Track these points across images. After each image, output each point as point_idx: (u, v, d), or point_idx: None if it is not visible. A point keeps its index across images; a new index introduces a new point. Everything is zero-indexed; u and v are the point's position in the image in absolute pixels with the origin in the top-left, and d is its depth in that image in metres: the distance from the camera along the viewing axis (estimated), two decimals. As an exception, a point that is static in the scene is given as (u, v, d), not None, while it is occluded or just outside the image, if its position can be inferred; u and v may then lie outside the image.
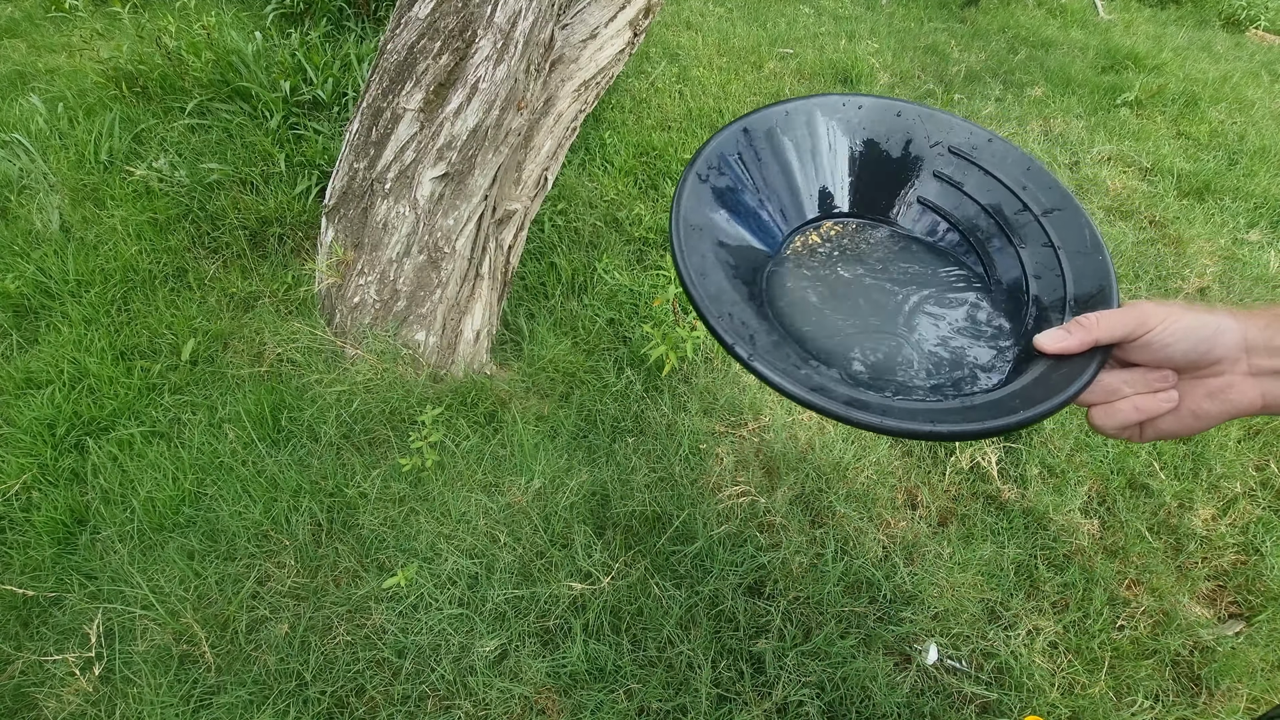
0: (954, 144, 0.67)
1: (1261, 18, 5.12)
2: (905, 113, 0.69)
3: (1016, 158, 0.65)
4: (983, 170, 0.66)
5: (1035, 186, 0.63)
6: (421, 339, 1.85)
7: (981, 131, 0.67)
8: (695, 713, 1.28)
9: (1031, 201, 0.63)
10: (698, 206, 0.61)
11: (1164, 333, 0.48)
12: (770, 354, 0.51)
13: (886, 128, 0.69)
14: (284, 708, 1.25)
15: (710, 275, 0.56)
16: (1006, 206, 0.64)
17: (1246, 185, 2.95)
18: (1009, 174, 0.65)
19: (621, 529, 1.55)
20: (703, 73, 3.34)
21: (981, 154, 0.66)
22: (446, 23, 1.57)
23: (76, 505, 1.53)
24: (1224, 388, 0.48)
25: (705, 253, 0.58)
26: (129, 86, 2.53)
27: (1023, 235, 0.62)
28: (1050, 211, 0.61)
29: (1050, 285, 0.58)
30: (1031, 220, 0.62)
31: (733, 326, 0.52)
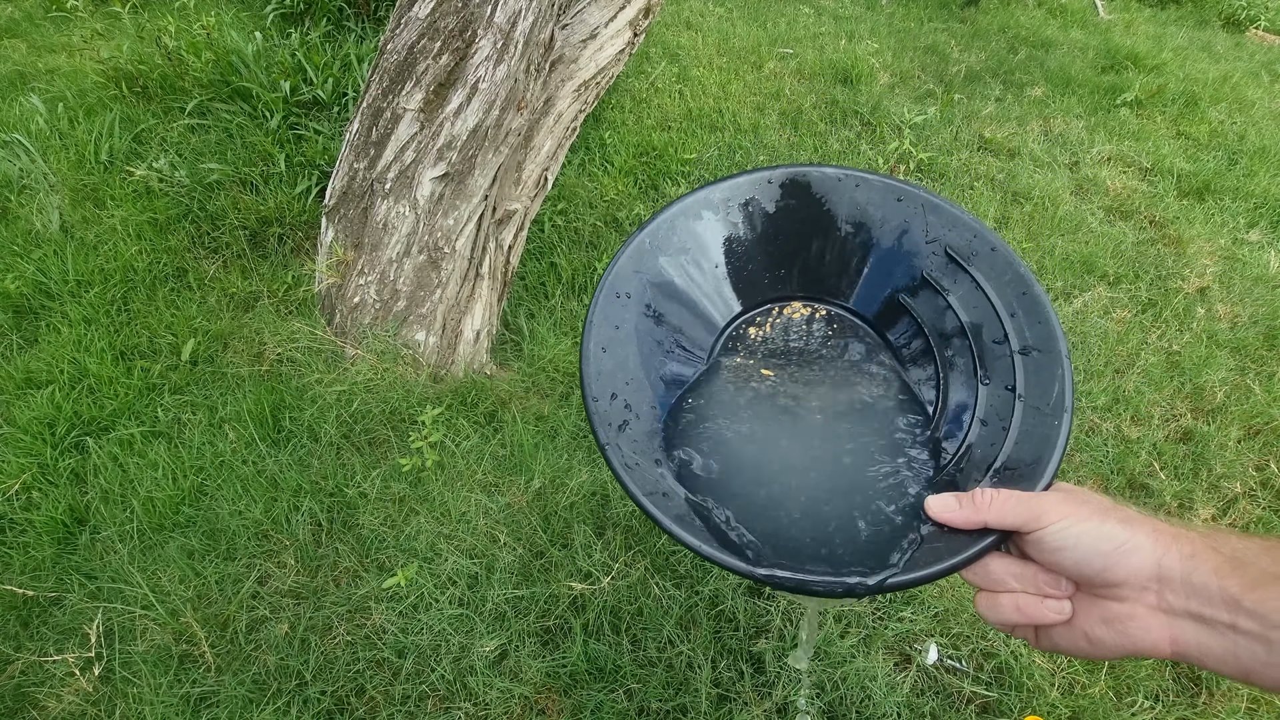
0: (952, 245, 0.60)
1: (1261, 18, 5.12)
2: (907, 198, 0.62)
3: (1015, 276, 0.57)
4: (975, 284, 0.59)
5: (1025, 317, 0.56)
6: (421, 339, 1.85)
7: (988, 235, 0.60)
8: (695, 713, 1.28)
9: (1014, 333, 0.55)
10: (635, 273, 0.57)
11: (1058, 534, 0.41)
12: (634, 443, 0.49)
13: (882, 212, 0.63)
14: (284, 707, 1.25)
15: (616, 349, 0.53)
16: (987, 331, 0.57)
17: (1246, 185, 2.95)
18: (1002, 294, 0.57)
19: (621, 529, 1.55)
20: (703, 73, 3.34)
21: (979, 263, 0.59)
22: (446, 23, 1.57)
23: (76, 505, 1.53)
24: (1124, 616, 0.41)
25: (624, 322, 0.55)
26: (129, 86, 2.53)
27: (990, 370, 0.55)
28: (1030, 350, 0.54)
29: (990, 437, 0.52)
30: (1006, 355, 0.55)
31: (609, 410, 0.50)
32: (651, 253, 0.59)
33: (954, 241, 0.60)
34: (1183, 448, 1.85)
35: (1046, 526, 0.42)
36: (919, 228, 0.62)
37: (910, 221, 0.62)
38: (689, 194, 0.61)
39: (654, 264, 0.59)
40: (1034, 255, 2.49)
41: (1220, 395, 1.99)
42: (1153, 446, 1.84)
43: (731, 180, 0.62)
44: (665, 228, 0.60)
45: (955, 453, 0.53)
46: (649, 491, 0.46)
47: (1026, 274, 0.57)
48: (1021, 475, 0.48)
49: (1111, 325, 2.22)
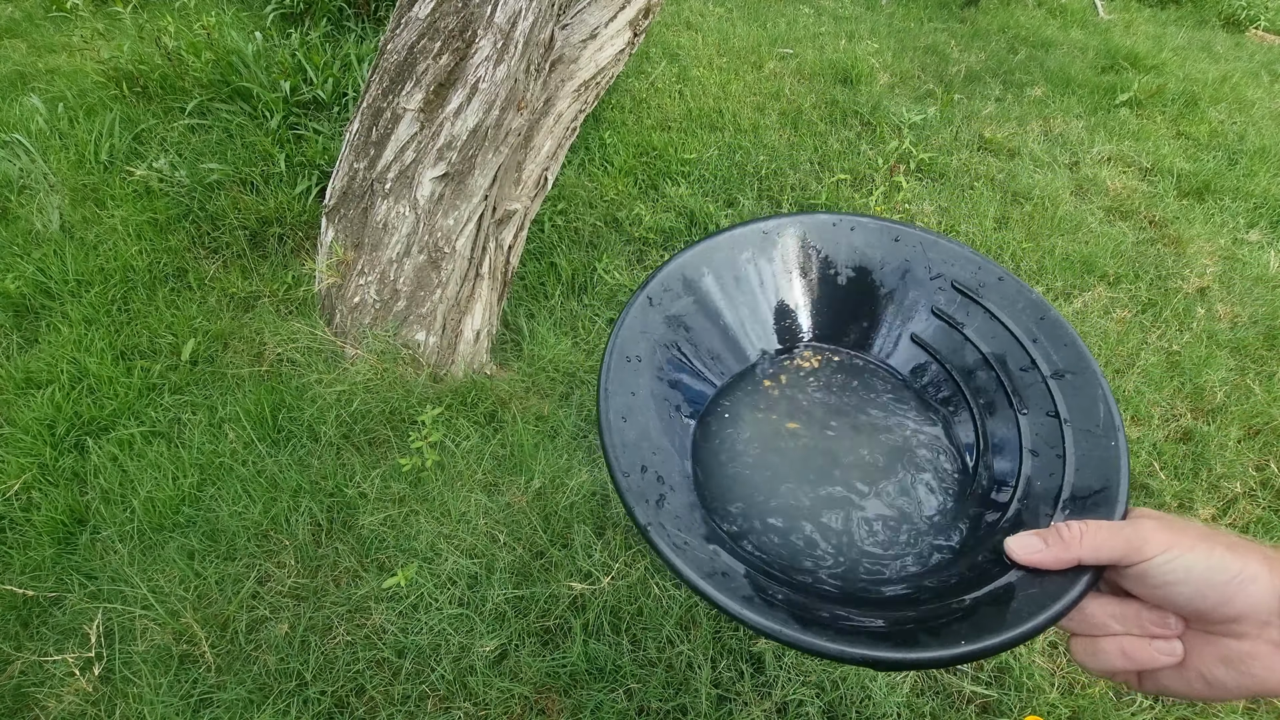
0: (958, 279, 0.59)
1: (1261, 18, 5.12)
2: (904, 238, 0.61)
3: (1030, 302, 0.56)
4: (989, 313, 0.57)
5: (1048, 341, 0.54)
6: (421, 339, 1.85)
7: (992, 267, 0.59)
8: (695, 713, 1.28)
9: (1041, 358, 0.53)
10: (642, 334, 0.54)
11: (1164, 566, 0.37)
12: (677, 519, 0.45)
13: (881, 253, 0.62)
14: (284, 708, 1.25)
15: (636, 417, 0.50)
16: (1012, 360, 0.55)
17: (1246, 185, 2.95)
18: (1019, 321, 0.55)
19: (621, 529, 1.55)
20: (703, 73, 3.34)
21: (989, 294, 0.58)
22: (446, 23, 1.57)
23: (76, 505, 1.53)
24: (1245, 656, 0.36)
25: (639, 388, 0.52)
26: (129, 86, 2.53)
27: (1025, 398, 0.53)
28: (1061, 374, 0.52)
29: (1047, 467, 0.49)
30: (1038, 381, 0.53)
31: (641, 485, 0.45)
32: (656, 311, 0.57)
33: (959, 275, 0.59)
34: (1183, 448, 1.85)
35: (1150, 559, 0.37)
36: (920, 265, 0.61)
37: (911, 260, 0.61)
38: (688, 248, 0.60)
39: (659, 324, 0.56)
40: (1034, 255, 2.49)
41: (1220, 395, 1.99)
42: (1153, 446, 1.84)
43: (729, 233, 0.61)
44: (666, 284, 0.58)
45: (1015, 488, 0.49)
46: (707, 573, 0.41)
47: (1039, 299, 0.56)
48: (1095, 503, 0.45)
49: (1111, 325, 2.22)
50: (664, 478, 0.48)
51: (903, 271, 0.61)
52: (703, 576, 0.40)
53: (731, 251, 0.61)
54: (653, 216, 2.46)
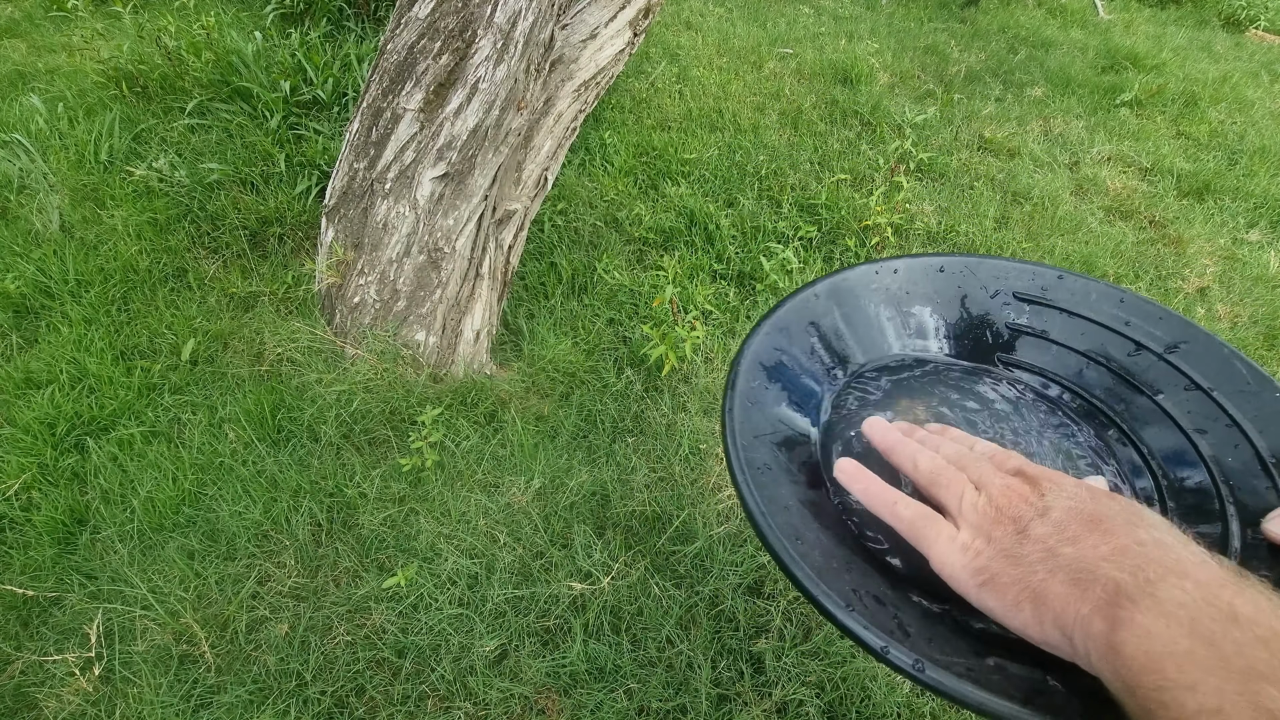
0: (1018, 289, 0.56)
1: (1261, 18, 5.12)
2: (948, 267, 0.59)
3: (1101, 291, 0.53)
4: (1065, 313, 0.54)
5: (1141, 320, 0.51)
6: (421, 339, 1.85)
7: (1045, 270, 0.56)
8: (695, 713, 1.28)
9: (1144, 338, 0.50)
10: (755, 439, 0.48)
11: None
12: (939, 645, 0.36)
13: (932, 286, 0.59)
14: (284, 708, 1.25)
15: (808, 537, 0.42)
16: (1114, 349, 0.51)
17: (1246, 185, 2.95)
18: (1100, 311, 0.53)
19: (621, 529, 1.55)
20: (703, 73, 3.34)
21: (1055, 294, 0.55)
22: (446, 23, 1.57)
23: (76, 505, 1.53)
24: None
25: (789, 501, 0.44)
26: (129, 86, 2.53)
27: (1151, 381, 0.49)
28: (1175, 347, 0.48)
29: (1225, 439, 0.44)
30: (1155, 361, 0.49)
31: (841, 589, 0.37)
32: (756, 409, 0.51)
33: (1018, 286, 0.56)
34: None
35: None
36: (975, 288, 0.58)
37: (964, 285, 0.58)
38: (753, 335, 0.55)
39: (760, 419, 0.50)
40: (1034, 255, 2.49)
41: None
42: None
43: (782, 308, 0.56)
44: (749, 373, 0.52)
45: (1208, 473, 0.44)
46: None
47: (1110, 286, 0.53)
48: None
49: (1111, 325, 2.22)
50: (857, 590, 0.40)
51: (960, 298, 0.58)
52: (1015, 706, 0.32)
53: (792, 323, 0.56)
54: (653, 216, 2.46)
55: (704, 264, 2.31)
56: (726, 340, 2.03)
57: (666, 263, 2.19)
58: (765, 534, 0.40)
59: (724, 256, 2.34)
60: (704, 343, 1.95)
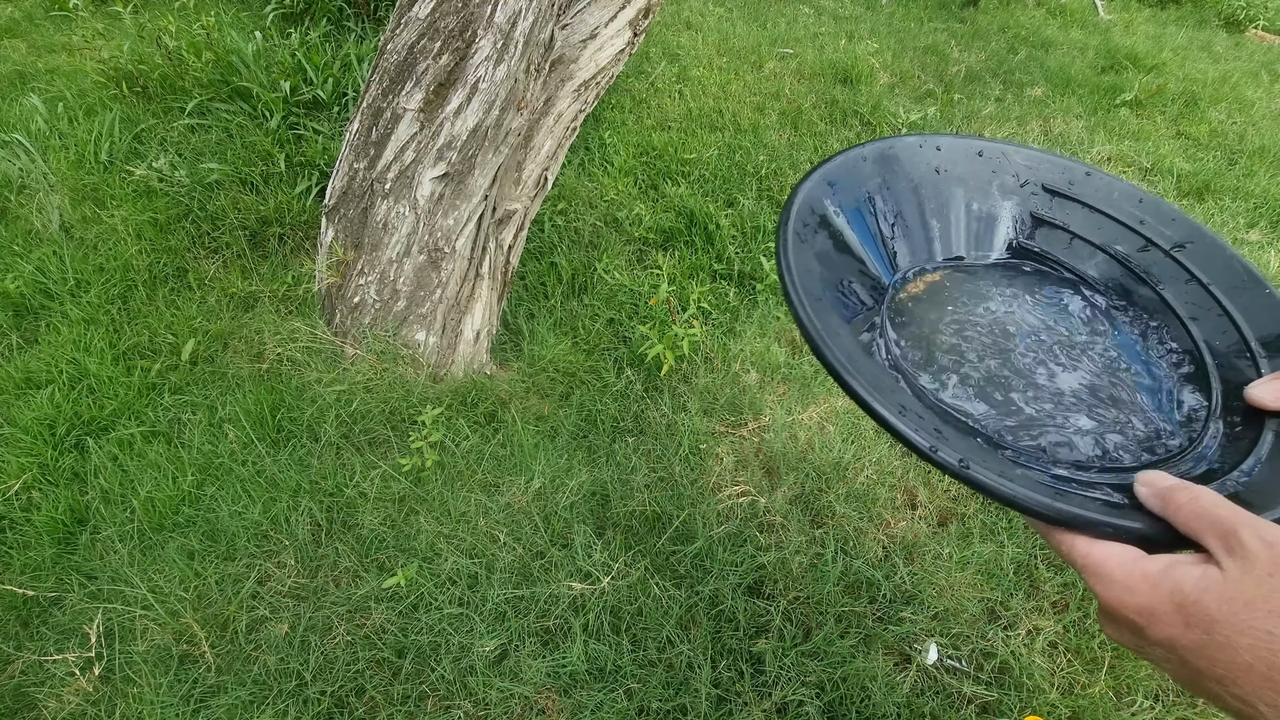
0: (1048, 181, 0.60)
1: (1261, 18, 5.12)
2: (987, 152, 0.62)
3: (1124, 190, 0.57)
4: (1087, 207, 0.58)
5: (1155, 220, 0.55)
6: (421, 339, 1.85)
7: (1076, 165, 0.60)
8: (695, 713, 1.28)
9: (1155, 236, 0.54)
10: (808, 273, 0.52)
11: None
12: (980, 457, 0.41)
13: (969, 168, 0.62)
14: (284, 708, 1.25)
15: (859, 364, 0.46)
16: (1125, 244, 0.56)
17: (1246, 185, 2.95)
18: (1119, 209, 0.57)
19: (621, 529, 1.55)
20: (703, 73, 3.34)
21: (1081, 189, 0.59)
22: (446, 23, 1.57)
23: (76, 505, 1.53)
24: None
25: (838, 329, 0.49)
26: (129, 86, 2.53)
27: (1156, 275, 0.54)
28: (1181, 245, 0.53)
29: (1216, 327, 0.49)
30: (1162, 258, 0.53)
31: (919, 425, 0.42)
32: (807, 247, 0.54)
33: (1047, 178, 0.60)
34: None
35: None
36: (1008, 175, 0.61)
37: (998, 172, 0.62)
38: (807, 178, 0.59)
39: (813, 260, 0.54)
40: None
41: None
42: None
43: (832, 162, 0.60)
44: (802, 218, 0.56)
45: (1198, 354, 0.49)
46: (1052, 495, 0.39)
47: (1134, 187, 0.57)
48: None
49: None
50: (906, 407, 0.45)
51: (992, 183, 0.62)
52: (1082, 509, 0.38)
53: (837, 179, 0.60)
54: (653, 216, 2.46)
55: (704, 264, 2.31)
56: (726, 340, 2.03)
57: (663, 262, 2.19)
58: (824, 352, 0.44)
59: (724, 256, 2.34)
60: (703, 342, 1.95)
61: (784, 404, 1.85)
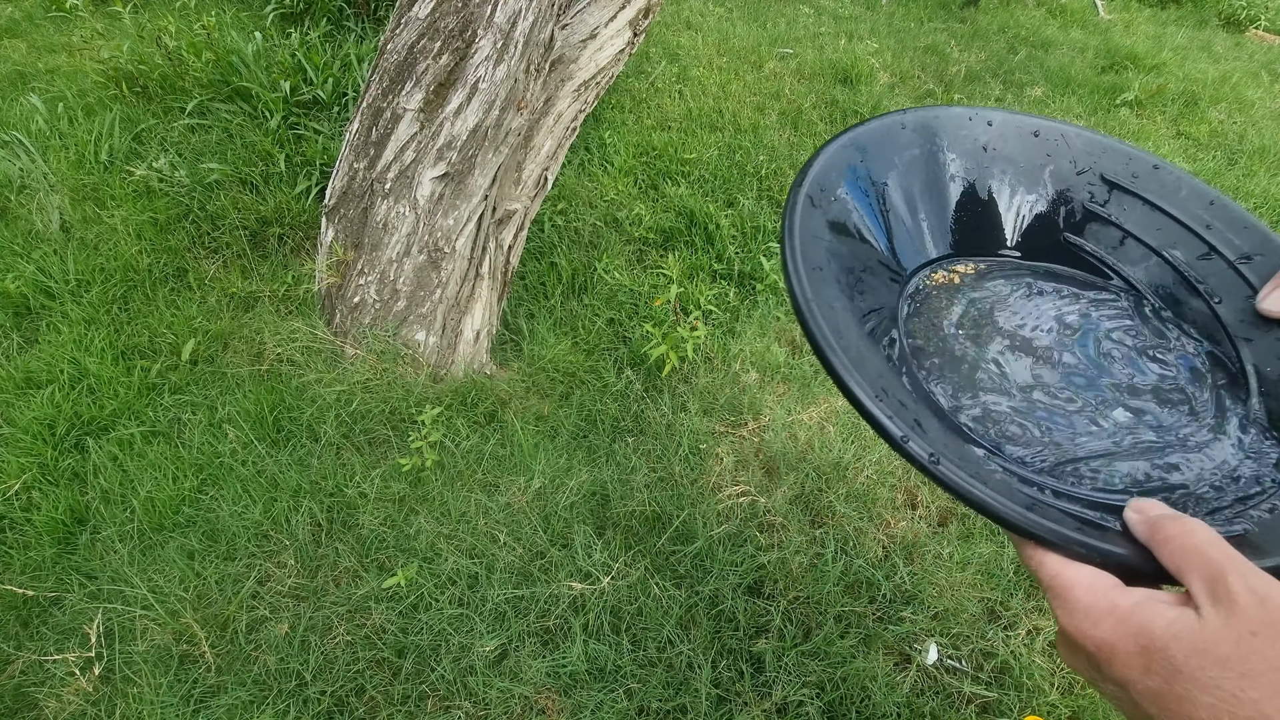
0: (1108, 172, 0.54)
1: (1261, 18, 5.12)
2: (1044, 132, 0.56)
3: (1193, 189, 0.51)
4: (1148, 204, 0.52)
5: (1223, 225, 0.49)
6: (421, 339, 1.85)
7: (1145, 156, 0.53)
8: (695, 713, 1.28)
9: (1221, 244, 0.48)
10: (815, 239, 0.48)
11: None
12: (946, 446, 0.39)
13: (1021, 148, 0.57)
14: (284, 708, 1.25)
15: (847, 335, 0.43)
16: (1185, 250, 0.50)
17: (1246, 185, 2.95)
18: (1185, 209, 0.51)
19: (621, 529, 1.55)
20: (703, 73, 3.34)
21: (1145, 184, 0.53)
22: (446, 23, 1.57)
23: (76, 505, 1.53)
24: None
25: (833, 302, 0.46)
26: (129, 86, 2.53)
27: (1213, 287, 0.48)
28: (1249, 258, 0.47)
29: (1272, 350, 0.44)
30: (1225, 268, 0.48)
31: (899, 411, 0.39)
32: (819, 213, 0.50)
33: (1108, 168, 0.54)
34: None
35: None
36: (1065, 160, 0.55)
37: (1053, 155, 0.56)
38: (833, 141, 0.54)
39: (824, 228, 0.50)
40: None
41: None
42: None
43: (865, 127, 0.55)
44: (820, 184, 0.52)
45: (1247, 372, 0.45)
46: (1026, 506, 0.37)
47: (1204, 185, 0.51)
48: None
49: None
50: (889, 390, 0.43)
51: (1044, 168, 0.56)
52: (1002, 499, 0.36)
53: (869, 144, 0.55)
54: (653, 216, 2.46)
55: (704, 264, 2.31)
56: (726, 340, 2.03)
57: (669, 263, 2.19)
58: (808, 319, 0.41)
59: (724, 256, 2.34)
60: (704, 342, 1.95)
61: (784, 404, 1.85)
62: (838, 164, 0.52)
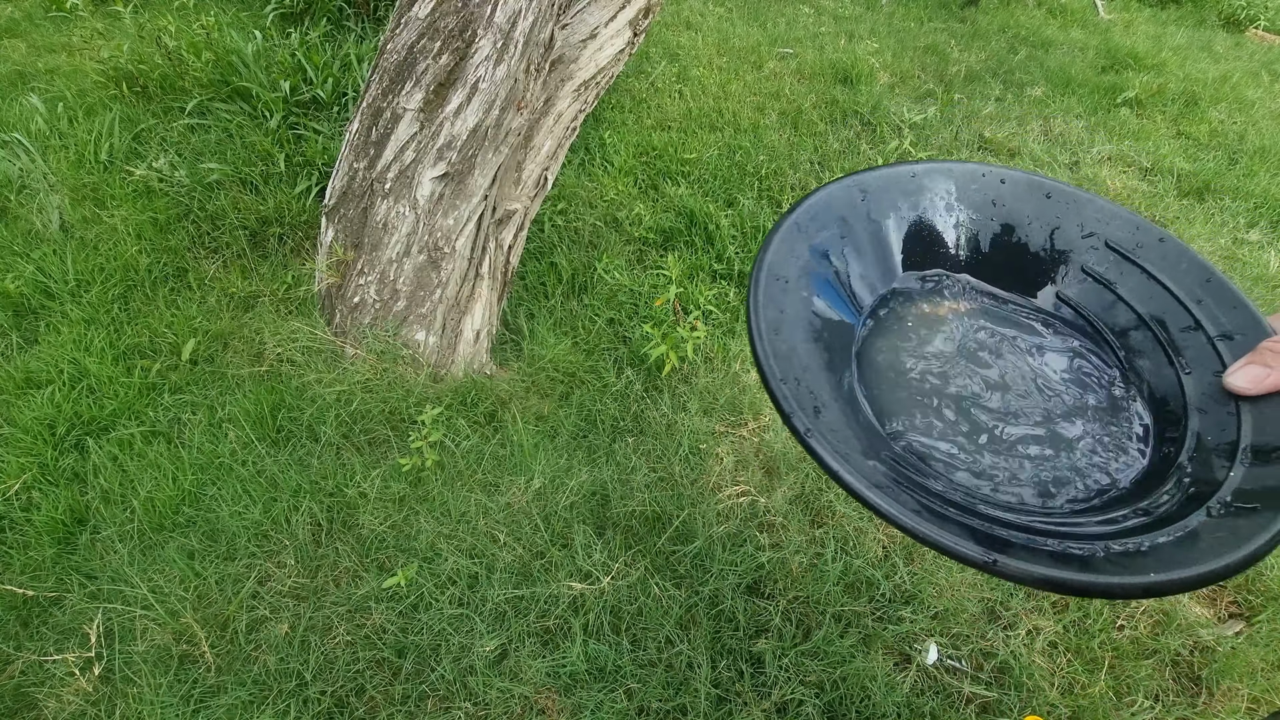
0: (1113, 238, 0.56)
1: (1261, 18, 5.12)
2: (1056, 195, 0.59)
3: (1192, 264, 0.53)
4: (1146, 273, 0.54)
5: (1215, 303, 0.51)
6: (421, 339, 1.85)
7: (1152, 228, 0.56)
8: (695, 713, 1.28)
9: (1207, 319, 0.50)
10: (791, 257, 0.54)
11: None
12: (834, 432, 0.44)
13: (1031, 210, 0.59)
14: (284, 708, 1.25)
15: (786, 333, 0.49)
16: (1172, 321, 0.52)
17: (1246, 185, 2.95)
18: (1180, 282, 0.53)
19: (621, 529, 1.55)
20: (703, 73, 3.34)
21: (1147, 254, 0.55)
22: (446, 22, 1.57)
23: (76, 505, 1.53)
24: None
25: (785, 307, 0.52)
26: (129, 86, 2.53)
27: (1188, 358, 0.51)
28: (1229, 336, 0.49)
29: (1218, 423, 0.47)
30: (1204, 343, 0.50)
31: (796, 394, 0.45)
32: (803, 238, 0.56)
33: (1114, 235, 0.56)
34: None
35: None
36: (1073, 224, 0.58)
37: (1062, 218, 0.58)
38: (837, 181, 0.59)
39: (805, 250, 0.56)
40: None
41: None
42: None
43: (878, 172, 0.60)
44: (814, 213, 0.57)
45: (1184, 440, 0.48)
46: (877, 485, 0.42)
47: (1206, 261, 0.53)
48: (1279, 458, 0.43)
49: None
50: (815, 392, 0.48)
51: (1052, 229, 0.58)
52: (869, 486, 0.40)
53: (879, 192, 0.59)
54: (653, 216, 2.46)
55: (704, 264, 2.31)
56: (726, 340, 2.03)
57: (669, 263, 2.19)
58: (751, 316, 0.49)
59: (724, 256, 2.34)
60: (704, 342, 1.95)
61: (784, 404, 1.84)
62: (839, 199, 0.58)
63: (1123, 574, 0.38)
